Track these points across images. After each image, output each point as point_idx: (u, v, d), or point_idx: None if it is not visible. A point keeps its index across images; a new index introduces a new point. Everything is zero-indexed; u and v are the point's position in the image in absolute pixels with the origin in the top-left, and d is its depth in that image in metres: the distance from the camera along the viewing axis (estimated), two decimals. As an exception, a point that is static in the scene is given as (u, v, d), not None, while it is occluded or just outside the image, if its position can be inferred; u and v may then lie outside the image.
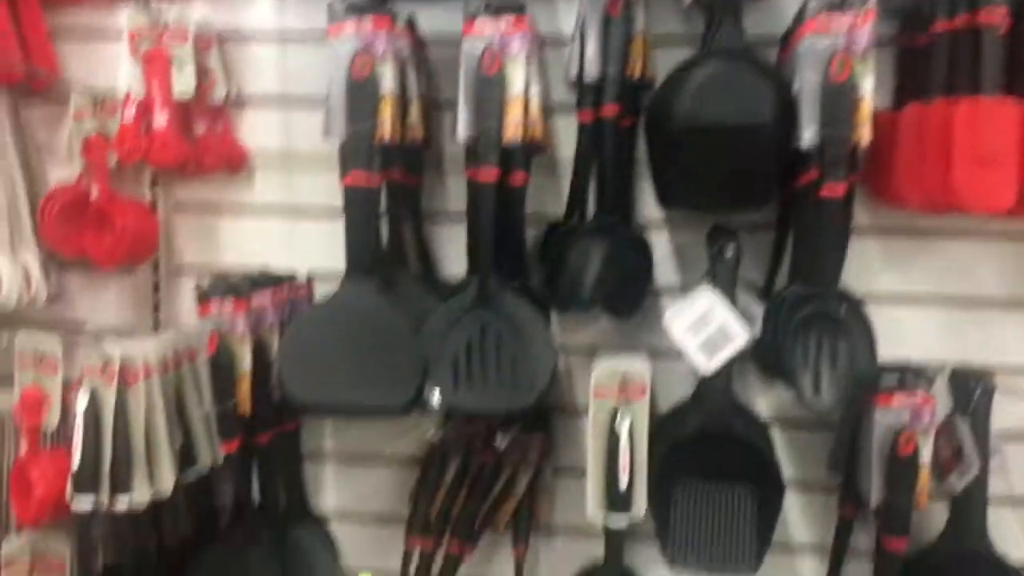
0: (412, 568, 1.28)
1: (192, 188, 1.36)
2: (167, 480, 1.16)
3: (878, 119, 1.08)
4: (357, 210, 1.13)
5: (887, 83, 1.20)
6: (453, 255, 1.32)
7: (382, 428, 1.35)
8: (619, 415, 1.11)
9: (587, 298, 1.18)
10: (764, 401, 1.30)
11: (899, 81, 1.20)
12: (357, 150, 1.11)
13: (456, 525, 1.28)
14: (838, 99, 1.05)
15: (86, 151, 1.23)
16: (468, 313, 1.14)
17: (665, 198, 1.23)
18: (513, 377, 1.13)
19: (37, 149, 1.32)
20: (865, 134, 1.04)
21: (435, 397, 1.13)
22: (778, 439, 1.28)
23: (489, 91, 1.09)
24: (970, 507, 1.19)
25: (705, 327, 1.11)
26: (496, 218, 1.12)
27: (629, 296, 1.22)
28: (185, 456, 1.22)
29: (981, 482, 1.18)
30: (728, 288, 1.13)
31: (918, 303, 1.25)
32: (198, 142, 1.29)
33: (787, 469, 1.24)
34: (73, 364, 1.24)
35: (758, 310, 1.18)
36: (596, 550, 1.33)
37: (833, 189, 1.04)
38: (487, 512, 1.27)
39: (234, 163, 1.32)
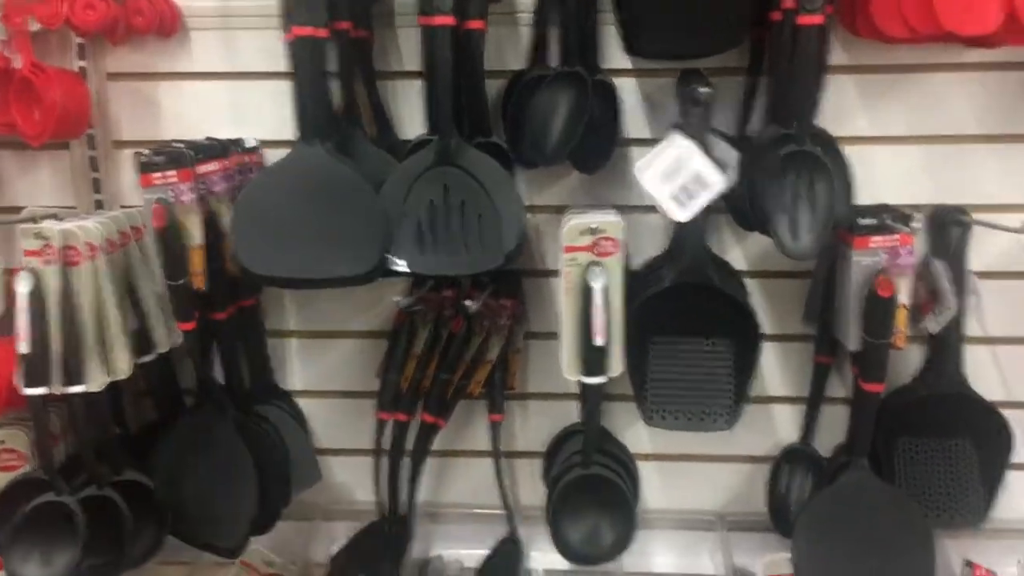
0: (385, 438, 1.25)
1: (124, 55, 1.26)
2: (123, 364, 1.12)
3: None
4: (304, 67, 1.05)
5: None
6: (411, 116, 1.25)
7: (346, 299, 1.30)
8: (592, 271, 1.07)
9: (553, 151, 1.12)
10: (737, 253, 1.27)
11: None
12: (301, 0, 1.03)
13: (428, 396, 1.25)
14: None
15: (5, 16, 1.13)
16: (429, 172, 1.08)
17: (632, 45, 1.17)
18: (480, 237, 1.08)
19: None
20: (844, -42, 0.98)
21: (399, 264, 1.08)
22: (752, 290, 1.26)
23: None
24: (947, 348, 1.19)
25: (679, 175, 1.06)
26: (454, 68, 1.05)
27: (597, 148, 1.17)
28: (142, 338, 1.17)
29: (957, 323, 1.17)
30: (701, 134, 1.08)
31: (894, 143, 1.21)
32: (126, 3, 1.19)
33: (761, 321, 1.21)
34: (12, 250, 1.17)
35: (732, 156, 1.14)
36: (572, 413, 1.32)
37: (810, 17, 0.98)
38: (460, 380, 1.24)
39: (167, 25, 1.22)
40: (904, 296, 1.10)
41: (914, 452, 1.21)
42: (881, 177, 1.21)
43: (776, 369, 1.30)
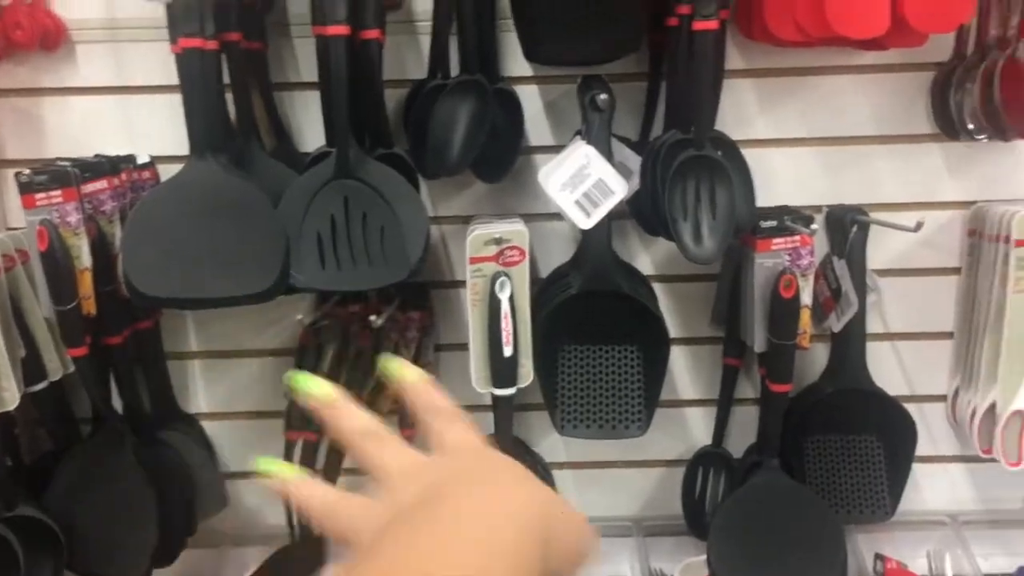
0: (295, 459, 1.22)
1: (6, 71, 1.20)
2: (10, 395, 1.06)
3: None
4: (194, 80, 1.02)
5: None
6: (311, 128, 1.22)
7: (248, 318, 1.26)
8: (498, 281, 1.06)
9: (455, 161, 1.11)
10: (644, 258, 1.27)
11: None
12: (187, 11, 0.99)
13: (338, 413, 1.22)
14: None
15: None
16: (328, 185, 1.05)
17: (532, 52, 1.16)
18: (384, 250, 1.05)
19: None
20: (735, -37, 0.99)
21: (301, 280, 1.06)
22: (659, 295, 1.26)
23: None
24: (850, 345, 1.20)
25: (582, 182, 1.06)
26: (352, 79, 1.02)
27: (500, 156, 1.16)
28: (32, 366, 1.12)
29: (859, 320, 1.19)
30: (603, 140, 1.08)
31: (792, 145, 1.23)
32: (4, 17, 1.14)
33: (670, 325, 1.22)
34: None
35: (635, 162, 1.14)
36: (486, 425, 1.31)
37: (706, 23, 0.99)
38: (369, 397, 1.21)
39: (50, 39, 1.17)
40: (807, 296, 1.12)
41: (822, 449, 1.23)
42: (780, 179, 1.22)
43: (686, 373, 1.31)
